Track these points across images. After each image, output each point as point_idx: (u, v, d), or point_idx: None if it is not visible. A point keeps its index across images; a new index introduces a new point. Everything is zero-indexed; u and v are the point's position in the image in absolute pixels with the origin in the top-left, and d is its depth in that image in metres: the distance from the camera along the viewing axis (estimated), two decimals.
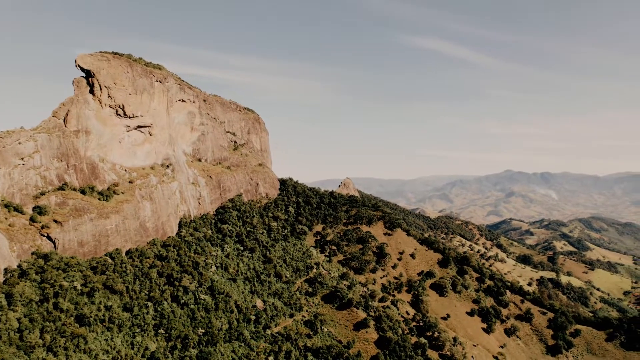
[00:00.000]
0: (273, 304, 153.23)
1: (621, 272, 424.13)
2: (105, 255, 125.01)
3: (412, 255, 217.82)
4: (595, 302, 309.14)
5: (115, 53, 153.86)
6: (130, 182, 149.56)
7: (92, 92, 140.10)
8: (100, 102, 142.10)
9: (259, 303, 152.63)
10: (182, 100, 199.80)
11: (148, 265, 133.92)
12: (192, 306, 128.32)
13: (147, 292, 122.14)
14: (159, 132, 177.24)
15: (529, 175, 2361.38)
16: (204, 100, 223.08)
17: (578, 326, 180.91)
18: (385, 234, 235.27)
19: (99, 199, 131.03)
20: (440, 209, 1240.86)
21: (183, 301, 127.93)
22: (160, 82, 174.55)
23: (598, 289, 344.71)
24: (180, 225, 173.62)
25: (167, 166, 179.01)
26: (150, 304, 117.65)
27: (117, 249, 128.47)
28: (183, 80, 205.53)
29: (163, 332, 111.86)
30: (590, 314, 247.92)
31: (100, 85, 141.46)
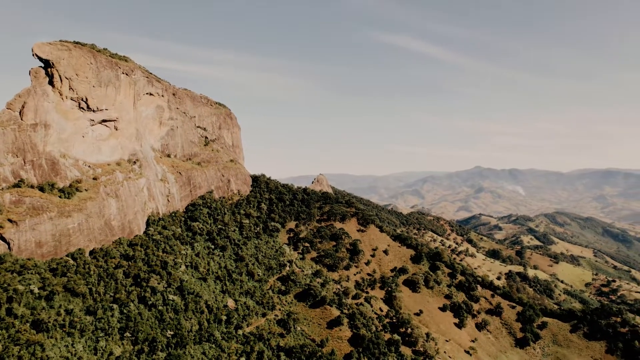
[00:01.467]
0: (245, 303, 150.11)
1: (583, 265, 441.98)
2: (67, 256, 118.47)
3: (386, 252, 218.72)
4: (559, 294, 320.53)
5: (77, 43, 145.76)
6: (94, 178, 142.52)
7: (51, 83, 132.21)
8: (61, 94, 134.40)
9: (231, 303, 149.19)
10: (150, 94, 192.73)
11: (113, 266, 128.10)
12: (160, 307, 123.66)
13: (112, 294, 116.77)
14: (126, 127, 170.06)
15: (498, 172, 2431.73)
16: (174, 94, 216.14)
17: (545, 319, 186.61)
18: (358, 231, 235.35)
19: (60, 197, 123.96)
20: (412, 205, 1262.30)
21: (151, 302, 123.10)
22: (126, 74, 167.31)
23: (562, 281, 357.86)
24: (148, 224, 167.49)
25: (134, 162, 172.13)
26: (115, 306, 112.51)
27: (79, 249, 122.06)
28: (151, 73, 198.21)
29: (129, 335, 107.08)
30: (556, 306, 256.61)
31: (60, 76, 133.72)
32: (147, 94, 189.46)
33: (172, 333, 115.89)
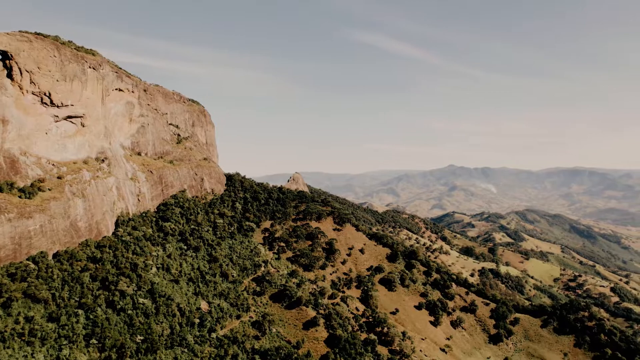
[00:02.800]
0: (219, 305, 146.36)
1: (551, 261, 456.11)
2: (28, 259, 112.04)
3: (362, 251, 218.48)
4: (530, 290, 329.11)
5: (39, 34, 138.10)
6: (59, 177, 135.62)
7: (10, 76, 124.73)
8: (21, 89, 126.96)
9: (204, 305, 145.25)
10: (120, 90, 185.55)
11: (79, 269, 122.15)
12: (129, 311, 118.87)
13: (77, 299, 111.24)
14: (93, 124, 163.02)
15: (471, 170, 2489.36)
16: (145, 90, 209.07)
17: (517, 315, 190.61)
18: (334, 230, 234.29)
19: (20, 197, 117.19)
20: (387, 203, 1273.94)
21: (120, 306, 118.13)
22: (93, 68, 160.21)
23: (532, 277, 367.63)
24: (117, 224, 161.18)
25: (103, 160, 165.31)
26: (80, 311, 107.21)
27: (42, 252, 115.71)
28: (121, 68, 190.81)
29: (96, 342, 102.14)
30: (527, 302, 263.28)
31: (20, 69, 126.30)
32: (116, 89, 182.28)
33: (142, 338, 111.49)
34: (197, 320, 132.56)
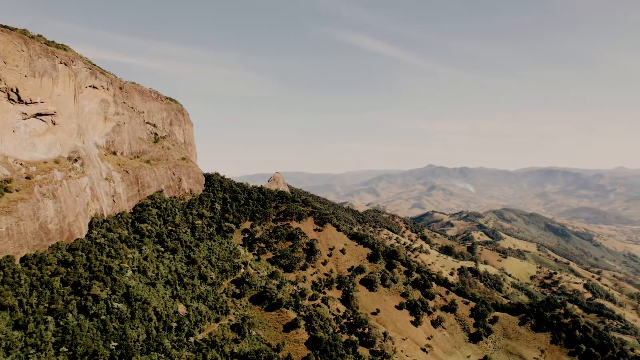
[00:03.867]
0: (197, 308, 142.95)
1: (528, 259, 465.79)
2: None
3: (342, 251, 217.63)
4: (507, 288, 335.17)
5: (5, 27, 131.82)
6: (27, 177, 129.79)
7: None
8: None
9: (182, 308, 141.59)
10: (94, 87, 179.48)
11: (49, 273, 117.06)
12: (103, 317, 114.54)
13: (47, 305, 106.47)
14: (65, 122, 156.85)
15: (449, 170, 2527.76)
16: (120, 88, 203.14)
17: (496, 313, 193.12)
18: (315, 230, 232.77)
19: None
20: (367, 203, 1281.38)
21: (92, 312, 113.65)
22: (65, 64, 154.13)
23: (510, 275, 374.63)
24: (91, 226, 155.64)
25: (76, 160, 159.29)
26: (50, 318, 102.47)
27: (8, 256, 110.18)
28: (95, 65, 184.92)
29: (66, 349, 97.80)
30: (505, 300, 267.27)
31: None
32: (90, 86, 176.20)
33: (116, 344, 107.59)
34: (174, 324, 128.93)
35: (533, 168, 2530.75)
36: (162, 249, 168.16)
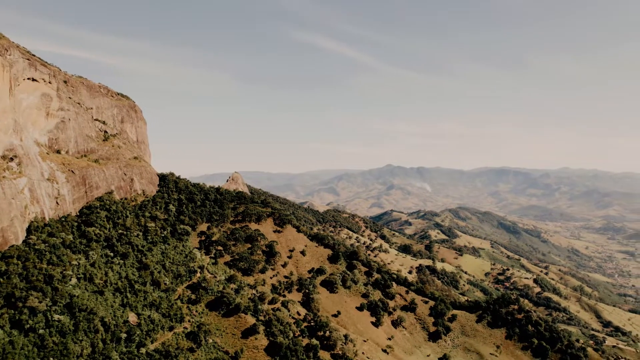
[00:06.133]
0: (149, 316, 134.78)
1: (482, 256, 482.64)
2: None
3: (303, 253, 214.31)
4: (464, 285, 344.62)
5: None
6: None
7: None
8: None
9: (132, 317, 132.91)
10: (34, 80, 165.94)
11: None
12: (41, 331, 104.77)
13: None
14: (0, 117, 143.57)
15: (407, 170, 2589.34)
16: (65, 82, 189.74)
17: (454, 311, 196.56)
18: (275, 231, 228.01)
19: None
20: (327, 202, 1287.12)
21: (28, 326, 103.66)
22: None
23: (466, 272, 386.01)
24: (29, 231, 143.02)
25: (12, 158, 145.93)
26: None
27: None
28: (34, 55, 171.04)
29: None
30: (462, 297, 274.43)
31: None
32: (29, 79, 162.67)
33: None
34: (124, 335, 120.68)
35: (486, 168, 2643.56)
36: (112, 254, 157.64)
